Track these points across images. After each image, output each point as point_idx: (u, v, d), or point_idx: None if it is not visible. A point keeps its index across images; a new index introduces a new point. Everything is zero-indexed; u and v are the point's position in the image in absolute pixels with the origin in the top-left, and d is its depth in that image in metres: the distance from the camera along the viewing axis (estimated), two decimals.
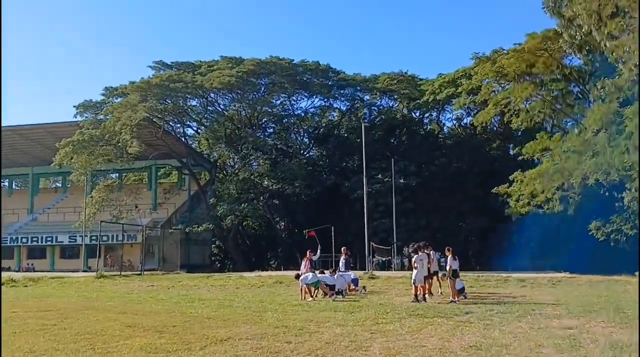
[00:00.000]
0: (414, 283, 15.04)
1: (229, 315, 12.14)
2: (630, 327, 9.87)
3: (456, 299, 14.94)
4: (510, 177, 31.86)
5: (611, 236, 28.17)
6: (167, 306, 14.44)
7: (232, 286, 22.09)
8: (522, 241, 40.38)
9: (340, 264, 20.59)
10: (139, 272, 32.49)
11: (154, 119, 43.87)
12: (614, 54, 21.95)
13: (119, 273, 30.76)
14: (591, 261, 33.85)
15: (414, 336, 9.12)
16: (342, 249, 21.39)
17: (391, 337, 8.99)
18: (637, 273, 27.36)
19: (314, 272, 17.66)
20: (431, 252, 16.87)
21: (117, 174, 56.16)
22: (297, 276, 16.69)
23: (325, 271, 18.09)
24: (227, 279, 25.00)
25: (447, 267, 15.49)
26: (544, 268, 36.57)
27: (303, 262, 20.03)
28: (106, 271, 31.61)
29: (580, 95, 36.78)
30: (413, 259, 15.38)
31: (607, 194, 29.17)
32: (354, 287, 18.52)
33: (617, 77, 25.68)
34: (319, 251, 21.68)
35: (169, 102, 42.46)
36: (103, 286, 23.94)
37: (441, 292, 16.93)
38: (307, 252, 20.37)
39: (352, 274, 19.65)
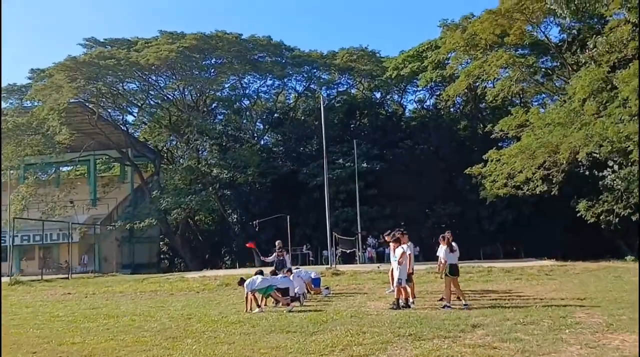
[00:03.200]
0: (399, 284, 11.37)
1: (124, 348, 8.02)
2: None
3: (450, 302, 11.39)
4: (485, 156, 28.52)
5: (601, 218, 25.24)
6: (51, 330, 10.17)
7: (165, 292, 18.05)
8: (495, 227, 37.62)
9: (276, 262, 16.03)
10: (66, 276, 28.03)
11: (87, 104, 38.99)
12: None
13: (39, 278, 26.30)
14: (569, 246, 31.42)
15: None
16: (276, 243, 17.09)
17: None
18: (628, 258, 24.86)
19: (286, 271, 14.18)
20: (407, 243, 13.19)
21: (54, 168, 50.73)
22: (242, 281, 12.72)
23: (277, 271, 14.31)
24: (163, 283, 20.86)
25: (441, 261, 11.81)
26: (520, 255, 33.86)
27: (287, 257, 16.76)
28: (38, 275, 27.51)
29: (550, 71, 34.19)
30: (397, 252, 11.70)
31: (587, 173, 26.47)
32: (315, 289, 14.91)
33: (605, 36, 22.80)
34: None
35: (101, 82, 37.43)
36: (7, 296, 19.66)
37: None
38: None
39: (312, 272, 15.94)
